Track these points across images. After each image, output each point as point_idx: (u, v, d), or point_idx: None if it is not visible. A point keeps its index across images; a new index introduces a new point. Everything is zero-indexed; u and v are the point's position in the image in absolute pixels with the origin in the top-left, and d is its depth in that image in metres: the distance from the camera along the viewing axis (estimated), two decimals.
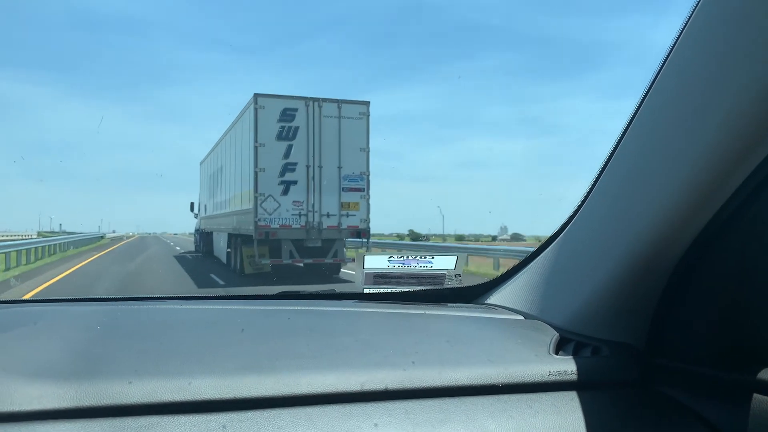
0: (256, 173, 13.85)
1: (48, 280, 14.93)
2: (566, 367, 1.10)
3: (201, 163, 26.13)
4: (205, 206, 23.93)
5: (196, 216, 27.74)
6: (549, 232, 1.41)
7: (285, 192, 13.99)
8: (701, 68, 0.88)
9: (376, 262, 1.63)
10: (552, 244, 1.35)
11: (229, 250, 17.57)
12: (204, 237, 24.61)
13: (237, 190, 16.18)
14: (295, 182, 14.07)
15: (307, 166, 14.16)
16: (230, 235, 17.23)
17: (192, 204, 28.26)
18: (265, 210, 13.81)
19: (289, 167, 14.04)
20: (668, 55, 0.94)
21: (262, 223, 13.77)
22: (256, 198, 13.76)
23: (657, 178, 0.99)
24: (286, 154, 14.04)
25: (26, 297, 10.09)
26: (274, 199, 13.91)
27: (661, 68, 0.96)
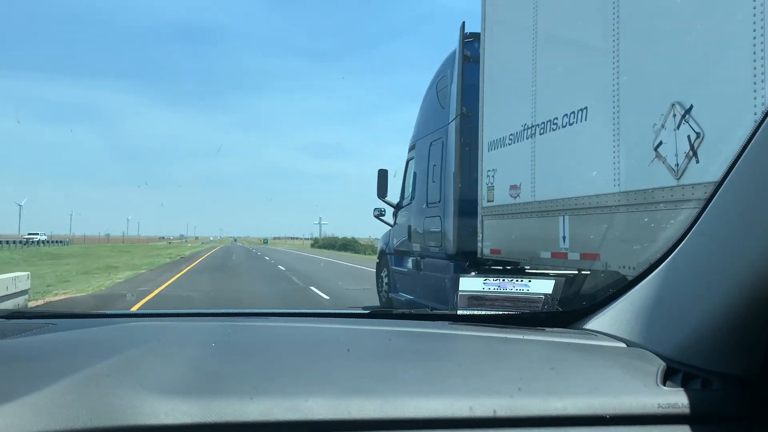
0: None
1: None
2: (676, 399, 1.07)
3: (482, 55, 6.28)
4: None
5: (397, 213, 10.42)
6: None
7: None
8: None
9: (472, 284, 1.66)
10: (656, 270, 1.30)
11: None
12: None
13: None
14: None
15: None
16: None
17: (383, 173, 10.48)
18: None
19: None
20: None
21: None
22: None
23: None
24: None
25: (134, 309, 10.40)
26: None
27: None
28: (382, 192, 10.22)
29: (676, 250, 1.23)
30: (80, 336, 1.41)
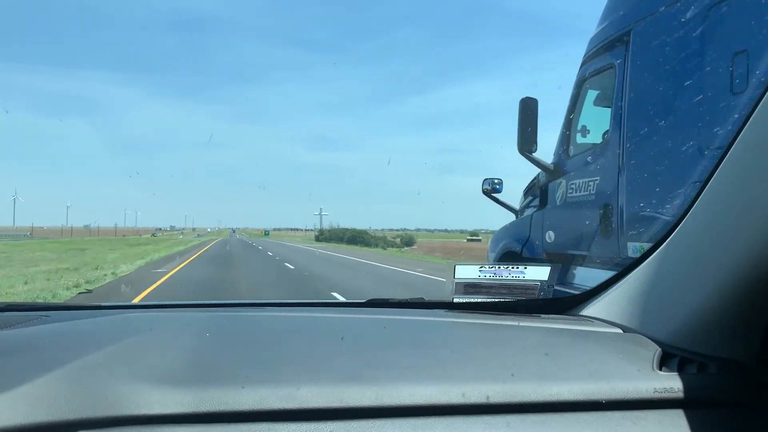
0: None
1: None
2: (672, 384, 1.07)
3: None
4: None
5: (547, 185, 5.15)
6: None
7: None
8: None
9: (467, 271, 1.65)
10: (653, 254, 1.29)
11: None
12: None
13: None
14: None
15: None
16: None
17: (529, 104, 4.85)
18: None
19: None
20: None
21: None
22: None
23: None
24: None
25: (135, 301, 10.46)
26: None
27: None
28: (528, 140, 5.02)
29: (673, 234, 1.22)
30: (73, 327, 1.41)
